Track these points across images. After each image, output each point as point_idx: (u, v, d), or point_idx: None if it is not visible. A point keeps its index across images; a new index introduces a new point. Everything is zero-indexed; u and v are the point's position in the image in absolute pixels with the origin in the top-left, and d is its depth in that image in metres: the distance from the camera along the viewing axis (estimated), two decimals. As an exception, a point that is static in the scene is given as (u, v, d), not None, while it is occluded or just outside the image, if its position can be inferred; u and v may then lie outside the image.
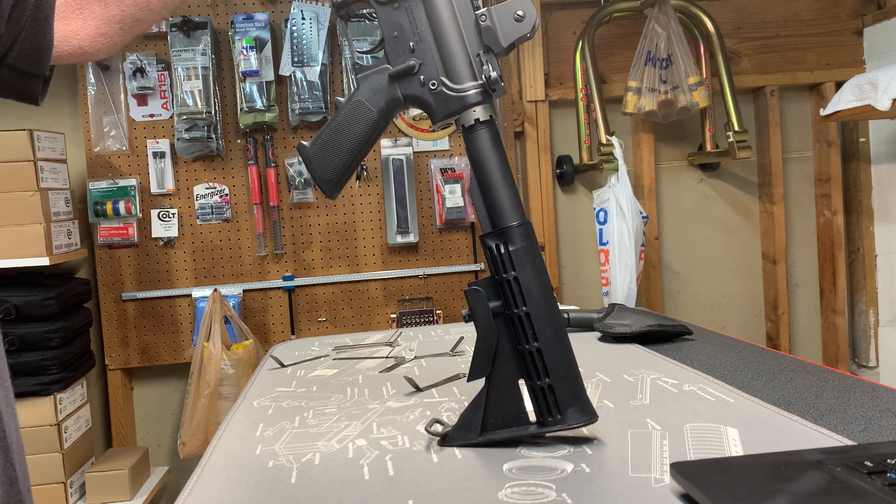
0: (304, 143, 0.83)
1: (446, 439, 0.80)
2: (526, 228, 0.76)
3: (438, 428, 0.81)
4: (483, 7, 0.79)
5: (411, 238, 2.71)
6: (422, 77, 0.79)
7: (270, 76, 2.59)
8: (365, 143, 0.81)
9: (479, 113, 0.78)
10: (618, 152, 2.50)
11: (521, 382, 0.77)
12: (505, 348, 0.76)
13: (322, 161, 0.82)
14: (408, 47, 0.80)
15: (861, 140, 2.95)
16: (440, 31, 0.78)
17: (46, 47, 0.66)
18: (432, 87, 0.79)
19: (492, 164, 0.77)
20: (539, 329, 0.75)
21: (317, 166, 0.82)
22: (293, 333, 2.71)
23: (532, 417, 0.77)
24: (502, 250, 0.76)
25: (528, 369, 0.76)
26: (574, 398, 0.75)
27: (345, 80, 2.68)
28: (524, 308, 0.75)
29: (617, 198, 2.48)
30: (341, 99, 0.83)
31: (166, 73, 2.62)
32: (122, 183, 2.62)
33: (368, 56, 0.87)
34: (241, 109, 2.60)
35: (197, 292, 2.65)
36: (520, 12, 0.77)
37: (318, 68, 2.58)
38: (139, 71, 2.59)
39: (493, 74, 0.77)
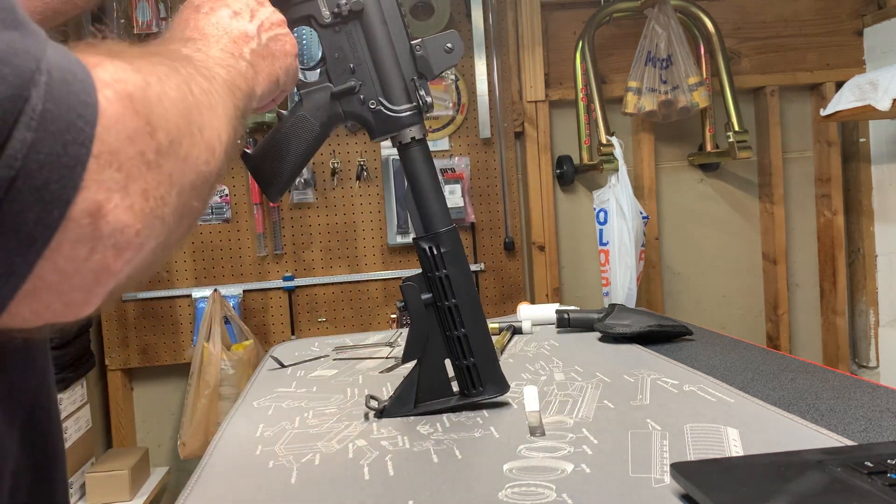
0: (248, 151, 0.87)
1: (384, 412, 0.91)
2: (453, 233, 0.89)
3: (375, 403, 0.92)
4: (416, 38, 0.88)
5: (411, 238, 2.70)
6: (362, 96, 0.87)
7: (270, 76, 2.59)
8: (307, 152, 0.88)
9: (414, 132, 0.87)
10: (618, 152, 2.50)
11: (447, 362, 0.90)
12: (434, 334, 0.89)
13: (266, 169, 0.87)
14: (349, 68, 0.87)
15: (861, 140, 2.95)
16: (378, 57, 0.87)
17: None
18: (371, 107, 0.87)
19: (425, 177, 0.88)
20: (465, 318, 0.88)
21: (261, 174, 0.87)
22: (293, 334, 2.71)
23: (454, 389, 0.91)
24: (435, 252, 0.88)
25: (456, 351, 0.89)
26: (492, 374, 0.89)
27: (345, 81, 2.68)
28: (454, 300, 0.87)
29: (617, 198, 2.48)
30: (284, 112, 0.89)
31: (166, 73, 2.62)
32: (122, 183, 2.62)
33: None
34: (241, 110, 2.60)
35: (197, 293, 2.65)
36: (449, 45, 0.87)
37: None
38: (139, 71, 2.59)
39: (428, 99, 0.87)
